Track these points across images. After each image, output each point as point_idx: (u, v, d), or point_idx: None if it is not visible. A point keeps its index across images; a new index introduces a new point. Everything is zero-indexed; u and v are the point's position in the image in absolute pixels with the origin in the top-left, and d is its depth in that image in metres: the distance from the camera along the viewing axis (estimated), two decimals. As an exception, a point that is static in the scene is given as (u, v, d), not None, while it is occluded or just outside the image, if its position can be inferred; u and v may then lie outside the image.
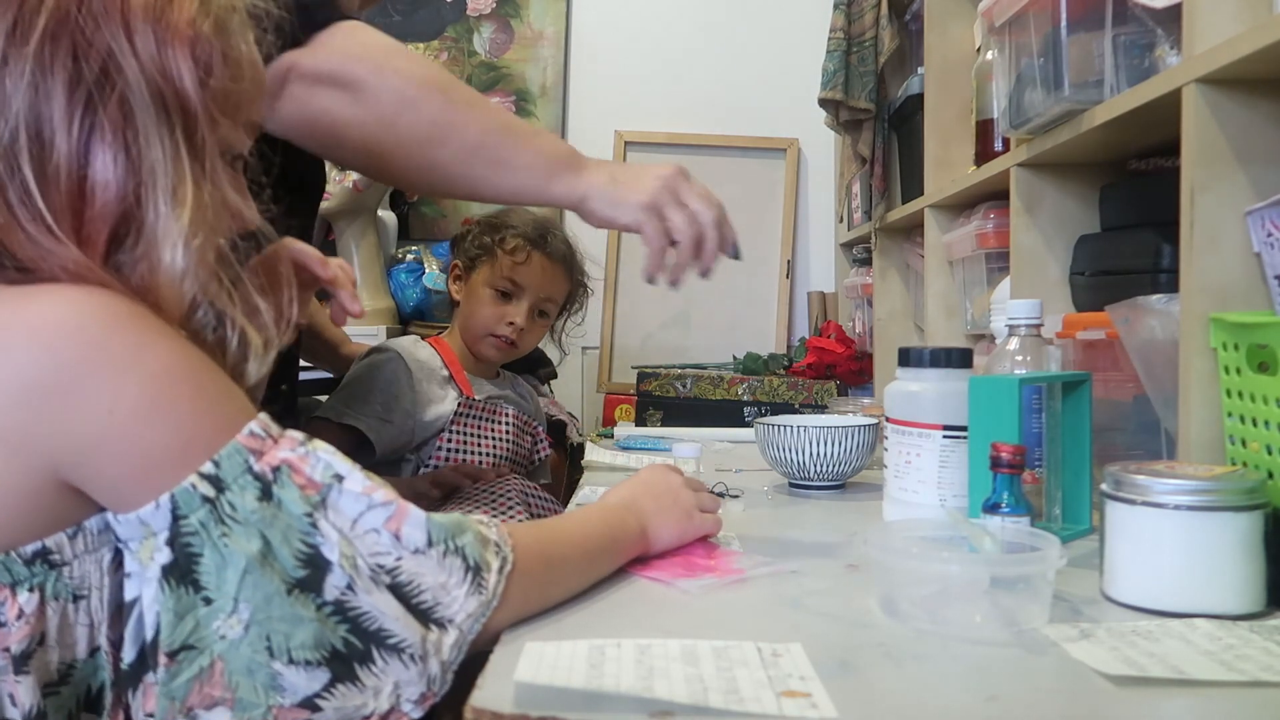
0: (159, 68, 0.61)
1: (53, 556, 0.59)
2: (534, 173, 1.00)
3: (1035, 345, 1.04)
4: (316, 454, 0.62)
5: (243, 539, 0.57)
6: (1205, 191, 0.91)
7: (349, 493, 0.61)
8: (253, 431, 0.60)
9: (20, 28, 0.58)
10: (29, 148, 0.59)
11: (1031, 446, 0.99)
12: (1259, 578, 0.74)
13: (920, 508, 0.99)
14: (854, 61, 2.13)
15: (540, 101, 3.01)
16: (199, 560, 0.57)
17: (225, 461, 0.59)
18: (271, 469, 0.60)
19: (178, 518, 0.58)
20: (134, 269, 0.61)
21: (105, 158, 0.60)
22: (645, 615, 0.76)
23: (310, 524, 0.59)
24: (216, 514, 0.58)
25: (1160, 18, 1.05)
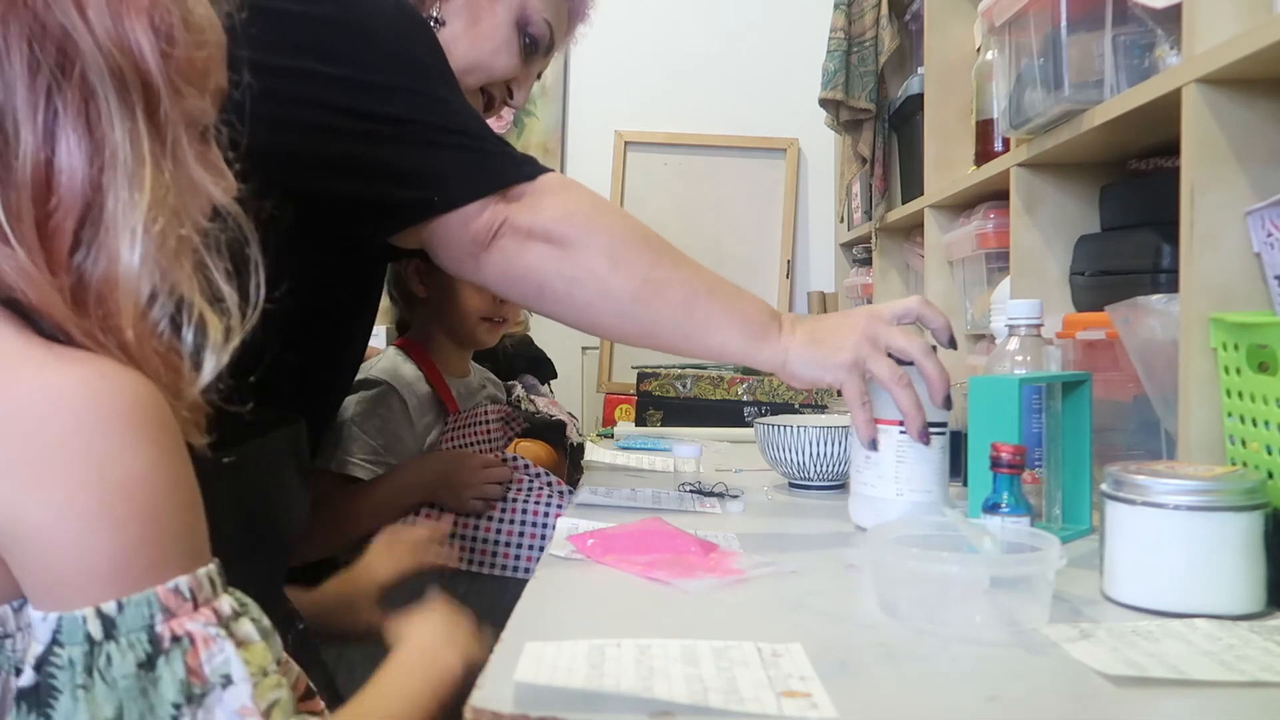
0: (116, 42, 0.57)
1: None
2: (736, 335, 1.00)
3: (1035, 345, 1.04)
4: (222, 641, 0.55)
5: (100, 702, 0.52)
6: (1205, 191, 0.91)
7: (227, 701, 0.54)
8: (177, 588, 0.54)
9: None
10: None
11: (1031, 446, 0.99)
12: (1259, 578, 0.74)
13: (880, 501, 0.99)
14: (854, 61, 2.13)
15: (540, 101, 3.01)
16: (55, 699, 0.52)
17: (130, 608, 0.53)
18: (171, 637, 0.53)
19: (55, 642, 0.52)
20: (95, 266, 0.57)
21: (69, 145, 0.56)
22: (645, 615, 0.76)
23: (173, 716, 0.53)
24: (89, 660, 0.52)
25: (1160, 18, 1.05)
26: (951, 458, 1.28)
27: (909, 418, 0.97)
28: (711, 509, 1.16)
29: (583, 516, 1.09)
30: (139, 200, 0.57)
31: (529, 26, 1.17)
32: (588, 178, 3.19)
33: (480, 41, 1.14)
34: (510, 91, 1.21)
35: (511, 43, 1.16)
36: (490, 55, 1.15)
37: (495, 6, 1.15)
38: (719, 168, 3.01)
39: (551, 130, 3.02)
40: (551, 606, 0.80)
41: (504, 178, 0.98)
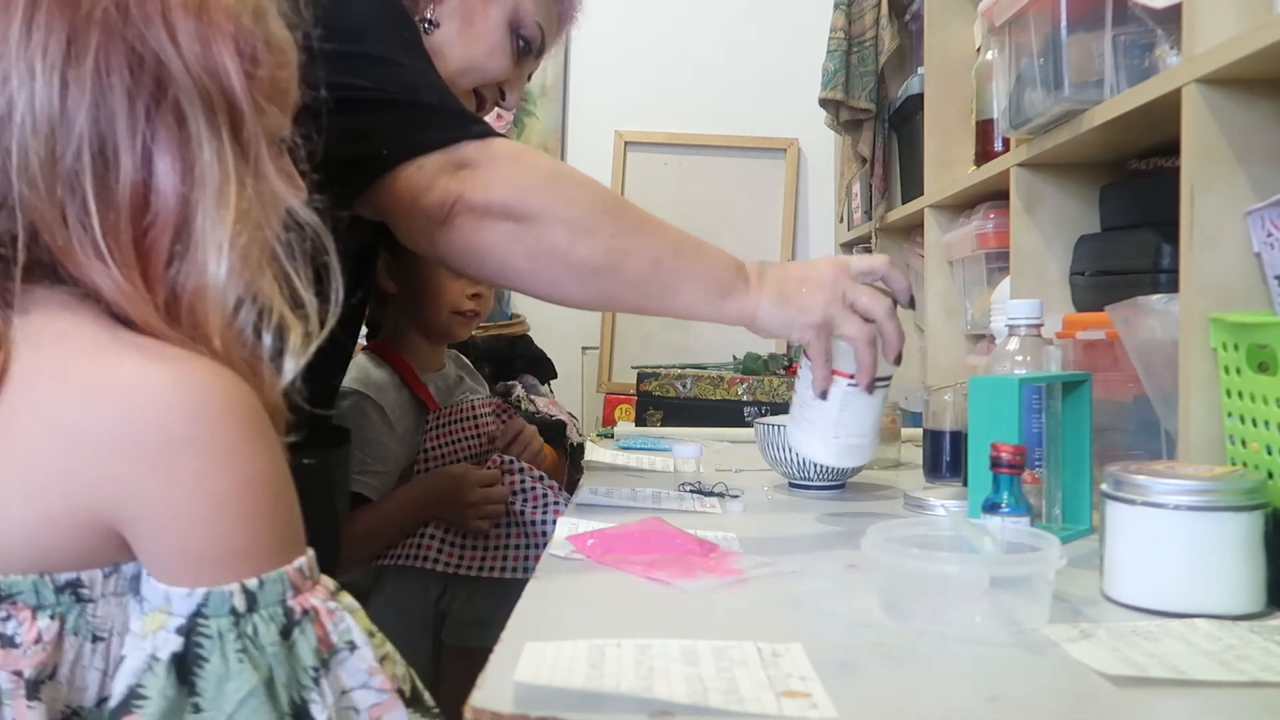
0: (205, 67, 0.60)
1: (83, 590, 0.58)
2: (702, 295, 1.01)
3: (1035, 345, 1.04)
4: (342, 613, 0.61)
5: (258, 664, 0.56)
6: (1205, 191, 0.91)
7: (354, 664, 0.60)
8: (300, 567, 0.60)
9: (75, 47, 0.57)
10: (93, 166, 0.58)
11: (1031, 446, 0.99)
12: (1259, 578, 0.74)
13: (816, 440, 1.03)
14: (854, 61, 2.13)
15: (540, 101, 3.01)
16: (203, 664, 0.56)
17: (268, 585, 0.58)
18: (302, 610, 0.59)
19: (200, 614, 0.57)
20: (186, 279, 0.60)
21: (165, 166, 0.59)
22: (645, 615, 0.76)
23: (314, 678, 0.58)
24: (238, 630, 0.57)
25: (1160, 18, 1.05)
26: (951, 458, 1.29)
27: (864, 372, 0.99)
28: (711, 509, 1.16)
29: (583, 516, 1.09)
30: (225, 216, 0.60)
31: (521, 29, 1.18)
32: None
33: (474, 44, 1.15)
34: (502, 93, 1.21)
35: (505, 45, 1.17)
36: (484, 57, 1.15)
37: (488, 9, 1.15)
38: (719, 168, 3.01)
39: (551, 130, 3.02)
40: (551, 606, 0.80)
41: (446, 135, 0.96)
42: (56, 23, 0.57)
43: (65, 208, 0.58)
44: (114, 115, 0.58)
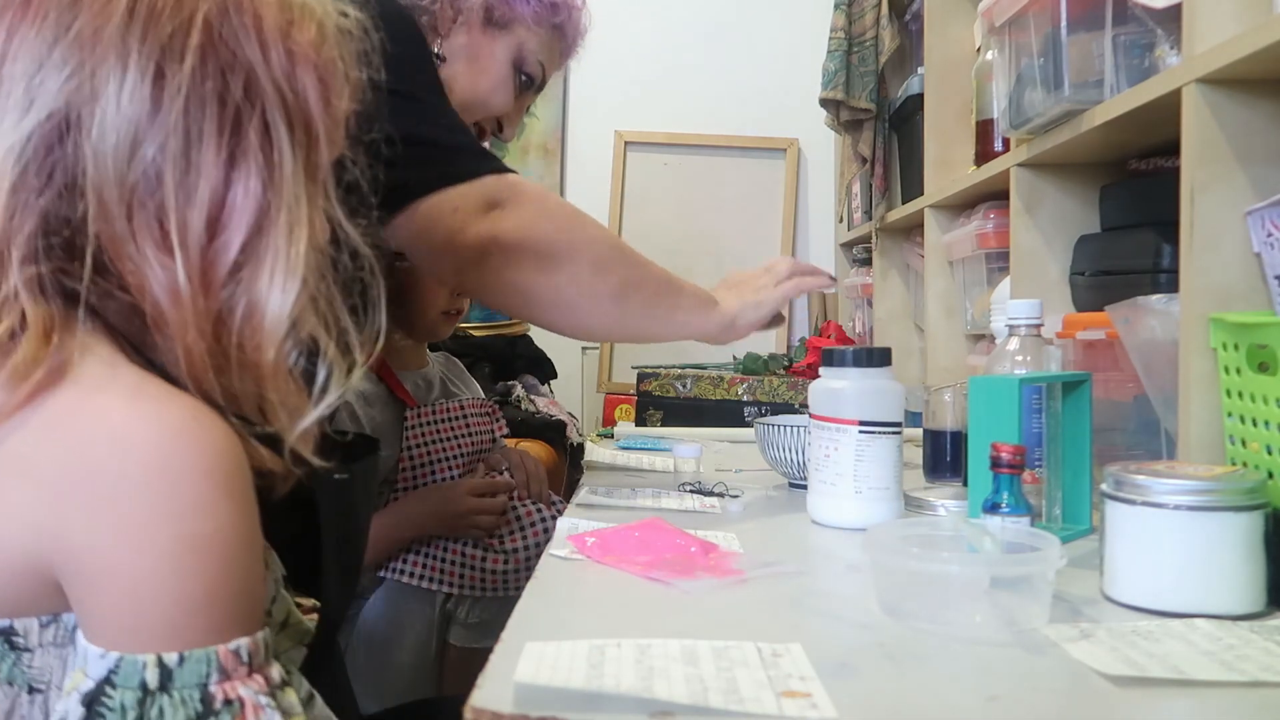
0: (291, 85, 0.60)
1: (16, 639, 0.55)
2: (696, 315, 1.18)
3: (1035, 345, 1.04)
4: (273, 714, 0.54)
5: None
6: (1205, 191, 0.91)
7: None
8: (237, 650, 0.54)
9: (174, 44, 0.57)
10: (176, 164, 0.57)
11: (1031, 446, 0.99)
12: (1259, 578, 0.74)
13: (839, 497, 1.03)
14: (855, 61, 2.13)
15: (540, 101, 3.00)
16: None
17: (190, 663, 0.52)
18: (223, 700, 0.53)
19: (108, 681, 0.52)
20: (245, 294, 0.59)
21: (247, 174, 0.58)
22: (645, 615, 0.76)
23: None
24: (141, 710, 0.51)
25: (1160, 18, 1.05)
26: (951, 458, 1.29)
27: (816, 277, 1.26)
28: (711, 509, 1.16)
29: (583, 516, 1.09)
30: (300, 235, 0.59)
31: (524, 66, 1.24)
32: (588, 178, 3.21)
33: (479, 79, 1.20)
34: (500, 125, 1.28)
35: (508, 81, 1.23)
36: (488, 93, 1.22)
37: (494, 46, 1.21)
38: (719, 168, 3.01)
39: (551, 130, 3.02)
40: (551, 606, 0.80)
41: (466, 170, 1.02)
42: (155, 25, 0.57)
43: (135, 195, 0.56)
44: (205, 121, 0.57)
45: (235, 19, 0.59)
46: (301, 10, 0.62)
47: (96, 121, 0.56)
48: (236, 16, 0.59)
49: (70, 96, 0.55)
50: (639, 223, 3.00)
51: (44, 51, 0.56)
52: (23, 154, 0.55)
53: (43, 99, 0.55)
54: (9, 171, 0.55)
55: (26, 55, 0.56)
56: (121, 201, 0.56)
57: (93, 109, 0.56)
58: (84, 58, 0.55)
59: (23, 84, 0.55)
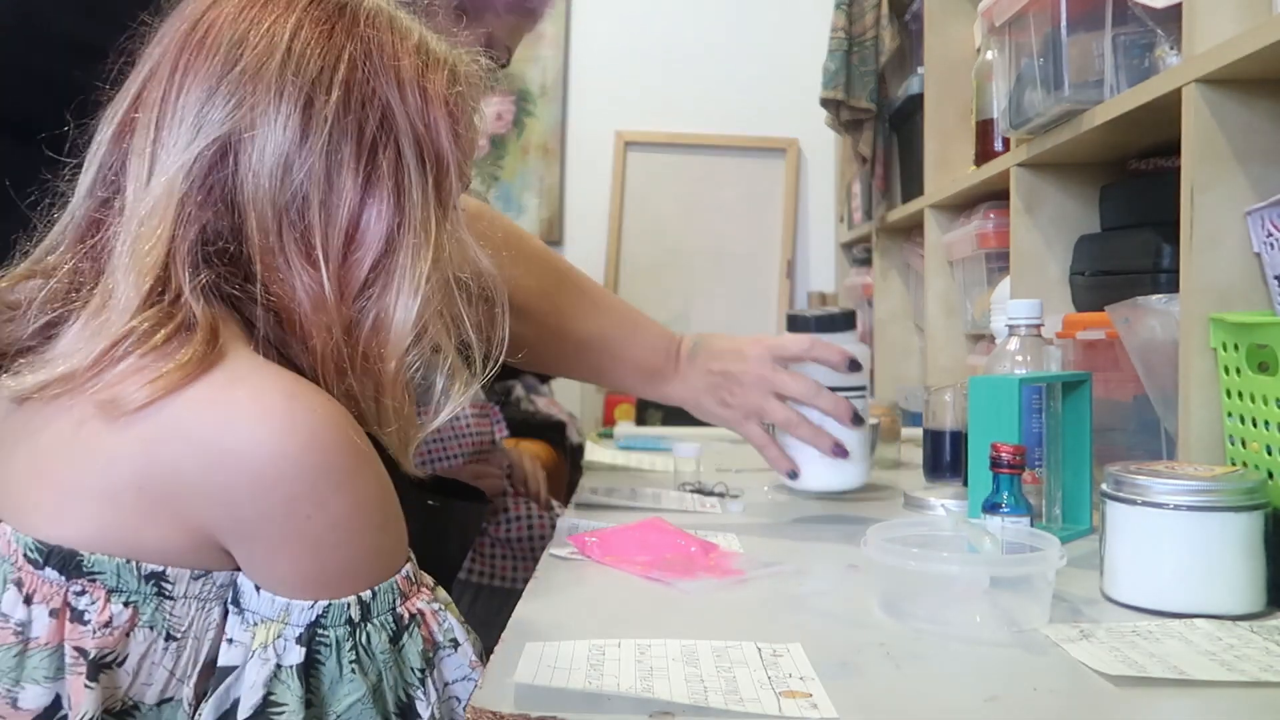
0: (423, 119, 0.68)
1: (166, 585, 0.60)
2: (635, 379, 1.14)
3: (1035, 345, 1.04)
4: (444, 613, 0.65)
5: (368, 671, 0.61)
6: (1205, 191, 0.91)
7: (457, 660, 0.65)
8: (407, 574, 0.64)
9: (323, 79, 0.65)
10: (319, 186, 0.64)
11: (1031, 446, 0.99)
12: (1259, 578, 0.74)
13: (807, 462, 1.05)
14: (855, 61, 2.13)
15: (540, 101, 3.01)
16: (319, 668, 0.60)
17: (380, 595, 0.62)
18: (410, 615, 0.63)
19: (319, 624, 0.61)
20: (375, 306, 0.66)
21: (380, 198, 0.66)
22: (645, 615, 0.76)
23: (420, 678, 0.63)
24: (354, 639, 0.61)
25: (1160, 18, 1.05)
26: (951, 458, 1.29)
27: (817, 445, 1.04)
28: (711, 509, 1.16)
29: (583, 516, 1.09)
30: (425, 254, 0.67)
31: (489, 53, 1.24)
32: (588, 178, 3.21)
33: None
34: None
35: None
36: None
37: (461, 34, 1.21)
38: (719, 168, 3.01)
39: (551, 130, 3.02)
40: (551, 606, 0.80)
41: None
42: (308, 62, 0.65)
43: (286, 212, 0.64)
44: (346, 149, 0.65)
45: (376, 59, 0.67)
46: (436, 56, 0.70)
47: (256, 147, 0.63)
48: (378, 58, 0.67)
49: (233, 125, 0.63)
50: (639, 223, 3.01)
51: (213, 85, 0.64)
52: (190, 173, 0.63)
53: (208, 127, 0.63)
54: (178, 187, 0.62)
55: (198, 88, 0.64)
56: (274, 218, 0.64)
57: (252, 136, 0.63)
58: (246, 92, 0.64)
59: (193, 113, 0.63)
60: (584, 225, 3.02)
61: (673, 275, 2.98)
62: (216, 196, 0.63)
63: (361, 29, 0.67)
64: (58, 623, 0.58)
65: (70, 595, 0.58)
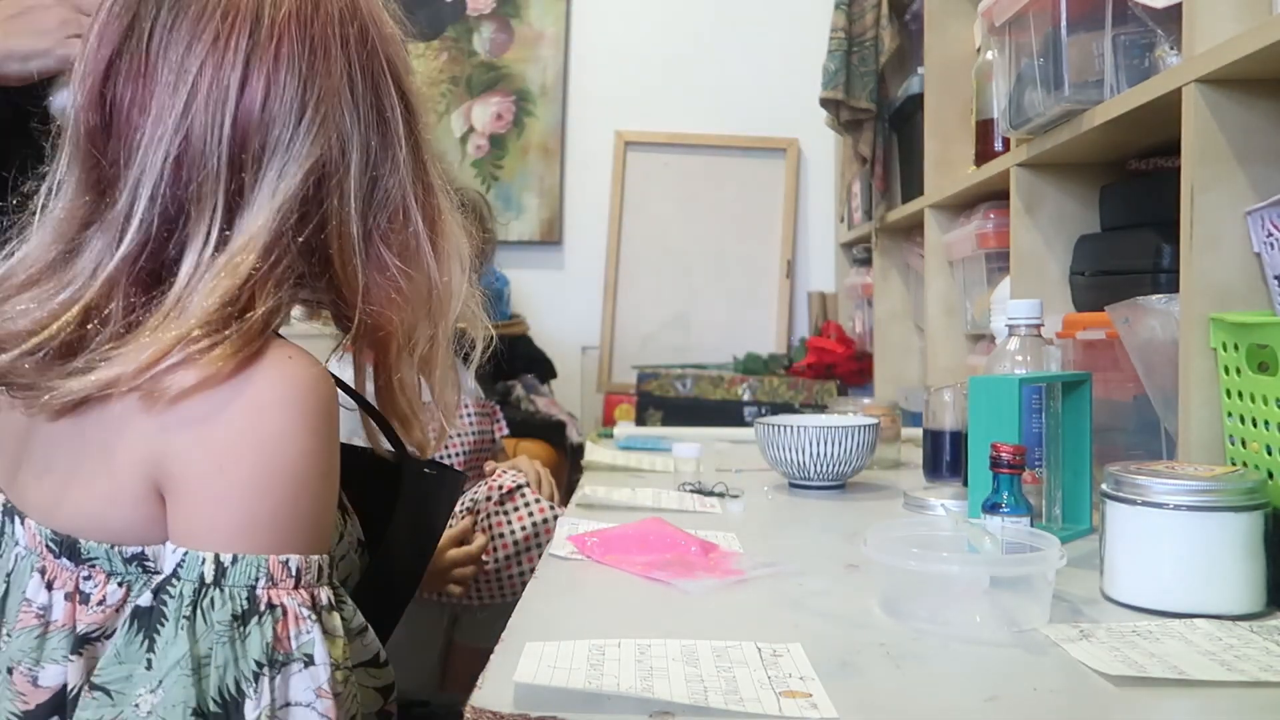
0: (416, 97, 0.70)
1: (148, 562, 0.62)
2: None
3: (1035, 345, 1.04)
4: (312, 625, 0.60)
5: (197, 637, 0.57)
6: (1205, 191, 0.91)
7: (303, 680, 0.58)
8: (287, 562, 0.60)
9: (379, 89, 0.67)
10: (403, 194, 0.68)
11: (1031, 446, 0.99)
12: (1259, 578, 0.74)
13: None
14: (855, 61, 2.13)
15: (540, 101, 3.01)
16: (163, 624, 0.58)
17: (241, 565, 0.58)
18: (266, 604, 0.59)
19: (174, 574, 0.58)
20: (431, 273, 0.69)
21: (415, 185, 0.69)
22: (645, 615, 0.76)
23: (254, 674, 0.57)
24: (195, 600, 0.58)
25: (1160, 18, 1.05)
26: (951, 458, 1.29)
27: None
28: (711, 509, 1.16)
29: (583, 516, 1.09)
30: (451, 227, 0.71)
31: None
32: (588, 178, 3.21)
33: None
34: None
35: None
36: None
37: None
38: (719, 168, 3.01)
39: (551, 130, 3.02)
40: (551, 606, 0.80)
41: None
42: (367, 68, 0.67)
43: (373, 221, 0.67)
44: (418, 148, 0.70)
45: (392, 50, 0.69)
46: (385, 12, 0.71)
47: (352, 172, 0.65)
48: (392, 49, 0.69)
49: (321, 150, 0.64)
50: (639, 223, 3.01)
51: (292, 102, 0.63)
52: (289, 211, 0.63)
53: (302, 152, 0.63)
54: (271, 226, 0.62)
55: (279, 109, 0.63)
56: (363, 233, 0.66)
57: (344, 161, 0.65)
58: (327, 122, 0.64)
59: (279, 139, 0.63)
60: (584, 225, 3.02)
61: (673, 275, 2.98)
62: (313, 219, 0.64)
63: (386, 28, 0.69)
64: (71, 605, 0.61)
65: (80, 580, 0.61)
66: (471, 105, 3.02)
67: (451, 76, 3.02)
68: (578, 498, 1.23)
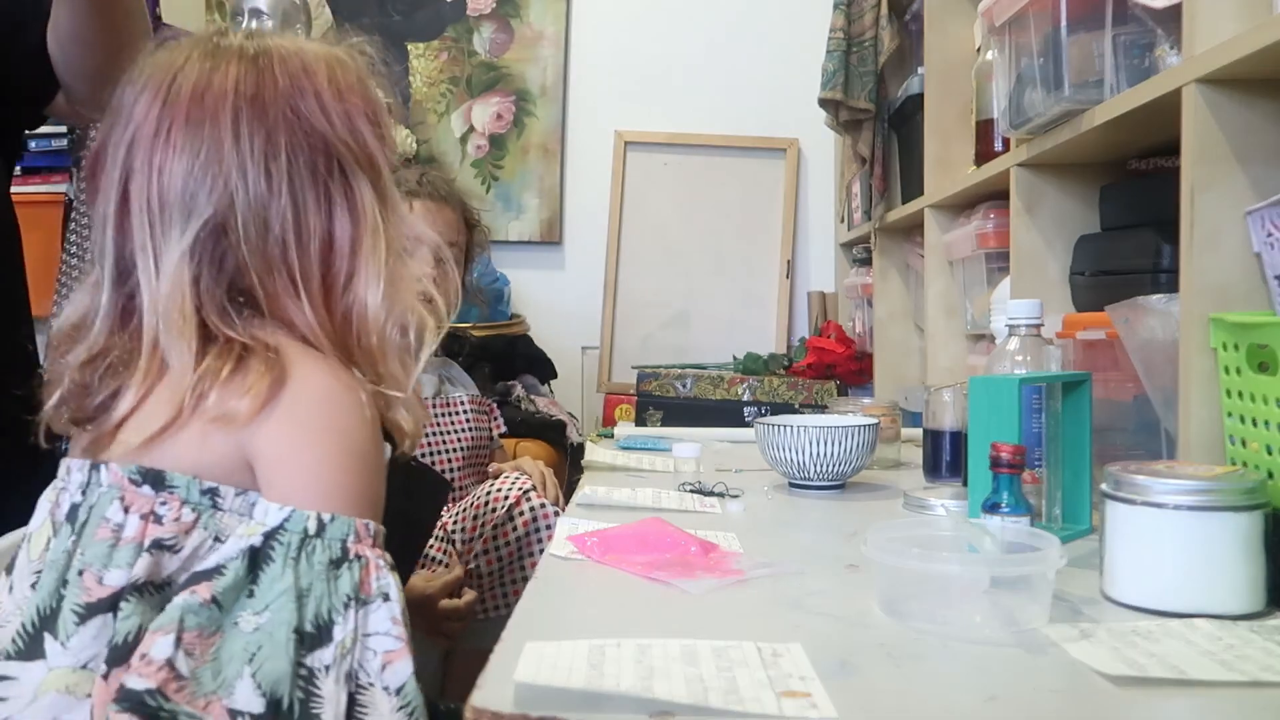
0: (353, 137, 0.79)
1: (219, 499, 0.74)
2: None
3: (1035, 345, 1.04)
4: (387, 571, 0.73)
5: (300, 575, 0.70)
6: (1205, 191, 0.91)
7: (383, 613, 0.72)
8: (367, 525, 0.74)
9: (271, 145, 0.76)
10: (293, 230, 0.77)
11: (1031, 446, 0.99)
12: (1259, 578, 0.74)
13: None
14: (854, 61, 2.13)
15: (540, 101, 3.01)
16: (269, 564, 0.71)
17: (336, 522, 0.72)
18: (355, 555, 0.73)
19: (282, 527, 0.72)
20: (354, 301, 0.78)
21: (342, 221, 0.78)
22: (645, 615, 0.76)
23: (344, 605, 0.71)
24: (301, 549, 0.71)
25: (1160, 18, 1.05)
26: (951, 458, 1.29)
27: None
28: (711, 509, 1.16)
29: (583, 516, 1.09)
30: (379, 248, 0.79)
31: None
32: (588, 178, 3.21)
33: None
34: None
35: None
36: None
37: None
38: (719, 168, 3.01)
39: (551, 130, 3.02)
40: (551, 606, 0.80)
41: None
42: (256, 129, 0.76)
43: (275, 264, 0.76)
44: (304, 189, 0.77)
45: (303, 106, 0.78)
46: (343, 67, 0.81)
47: (240, 215, 0.75)
48: (303, 103, 0.78)
49: (214, 205, 0.75)
50: (639, 223, 3.01)
51: (187, 169, 0.75)
52: (193, 254, 0.75)
53: (195, 212, 0.75)
54: (187, 270, 0.74)
55: (175, 177, 0.76)
56: (265, 268, 0.76)
57: (232, 209, 0.75)
58: (215, 172, 0.75)
59: (179, 201, 0.75)
60: (584, 225, 3.02)
61: (673, 275, 2.98)
62: (219, 263, 0.76)
63: (282, 82, 0.78)
64: (144, 524, 0.73)
65: (156, 505, 0.74)
66: (471, 105, 3.02)
67: (451, 76, 3.02)
68: (578, 498, 1.23)
